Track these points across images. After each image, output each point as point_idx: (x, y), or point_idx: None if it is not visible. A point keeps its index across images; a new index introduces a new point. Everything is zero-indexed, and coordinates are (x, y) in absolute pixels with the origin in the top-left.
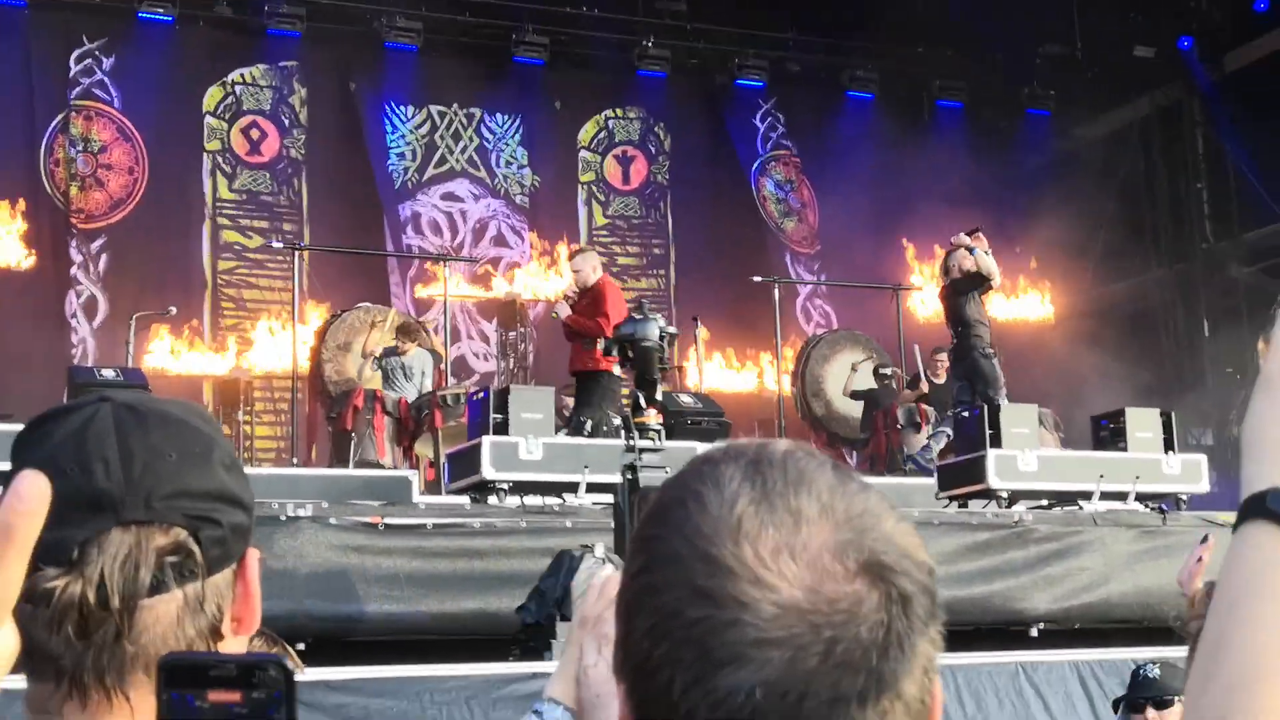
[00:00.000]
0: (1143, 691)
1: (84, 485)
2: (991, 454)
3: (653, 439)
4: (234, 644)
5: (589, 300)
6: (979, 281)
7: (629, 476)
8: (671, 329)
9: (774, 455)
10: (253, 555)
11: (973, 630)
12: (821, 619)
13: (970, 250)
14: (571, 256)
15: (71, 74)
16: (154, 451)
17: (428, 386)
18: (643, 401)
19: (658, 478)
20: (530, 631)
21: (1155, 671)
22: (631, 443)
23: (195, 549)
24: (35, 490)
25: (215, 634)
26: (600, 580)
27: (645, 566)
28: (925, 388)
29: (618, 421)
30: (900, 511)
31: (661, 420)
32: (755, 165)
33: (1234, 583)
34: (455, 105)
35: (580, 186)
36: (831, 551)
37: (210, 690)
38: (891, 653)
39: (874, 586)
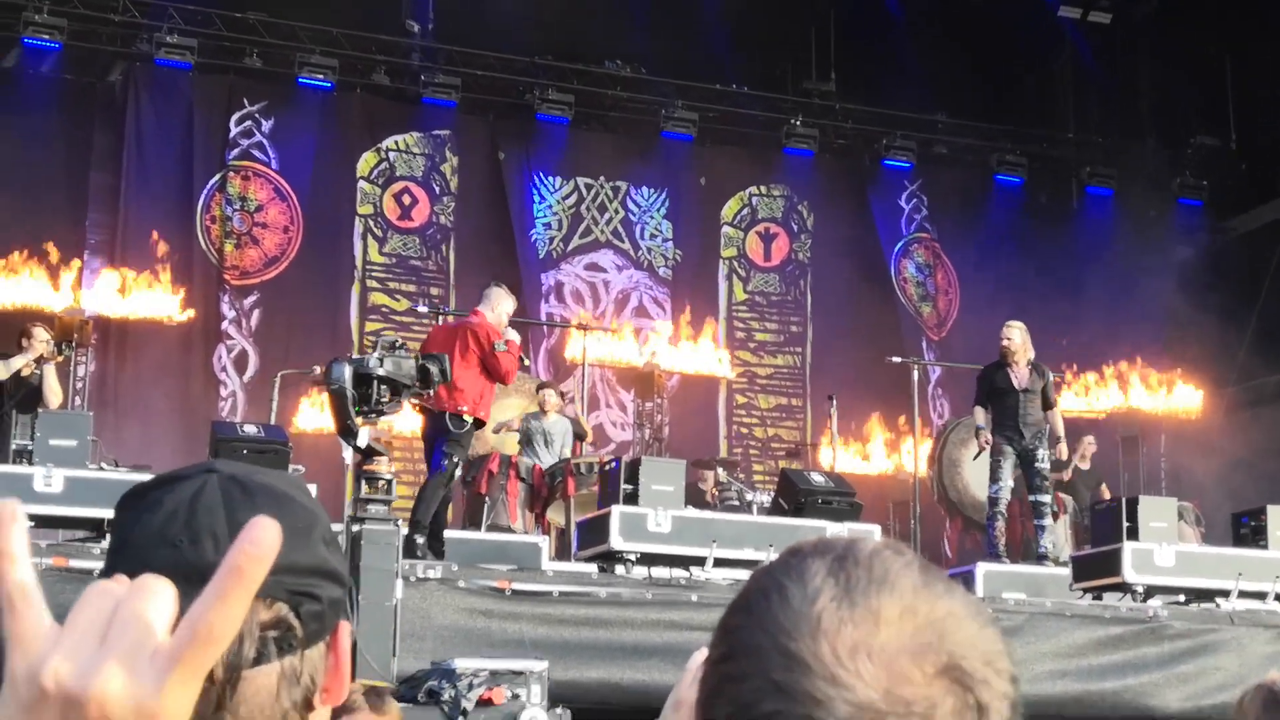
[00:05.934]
0: None
1: (194, 558)
2: (1128, 547)
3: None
4: (321, 715)
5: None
6: None
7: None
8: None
9: (861, 552)
10: (344, 628)
11: None
12: None
13: None
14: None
15: (231, 135)
16: None
17: (566, 454)
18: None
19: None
20: None
21: None
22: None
23: (295, 623)
24: (269, 537)
25: (308, 706)
26: (696, 664)
27: (726, 655)
28: (1067, 476)
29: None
30: (989, 615)
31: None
32: (898, 247)
33: None
34: (602, 178)
35: (721, 261)
36: (910, 654)
37: None
38: None
39: (950, 692)
